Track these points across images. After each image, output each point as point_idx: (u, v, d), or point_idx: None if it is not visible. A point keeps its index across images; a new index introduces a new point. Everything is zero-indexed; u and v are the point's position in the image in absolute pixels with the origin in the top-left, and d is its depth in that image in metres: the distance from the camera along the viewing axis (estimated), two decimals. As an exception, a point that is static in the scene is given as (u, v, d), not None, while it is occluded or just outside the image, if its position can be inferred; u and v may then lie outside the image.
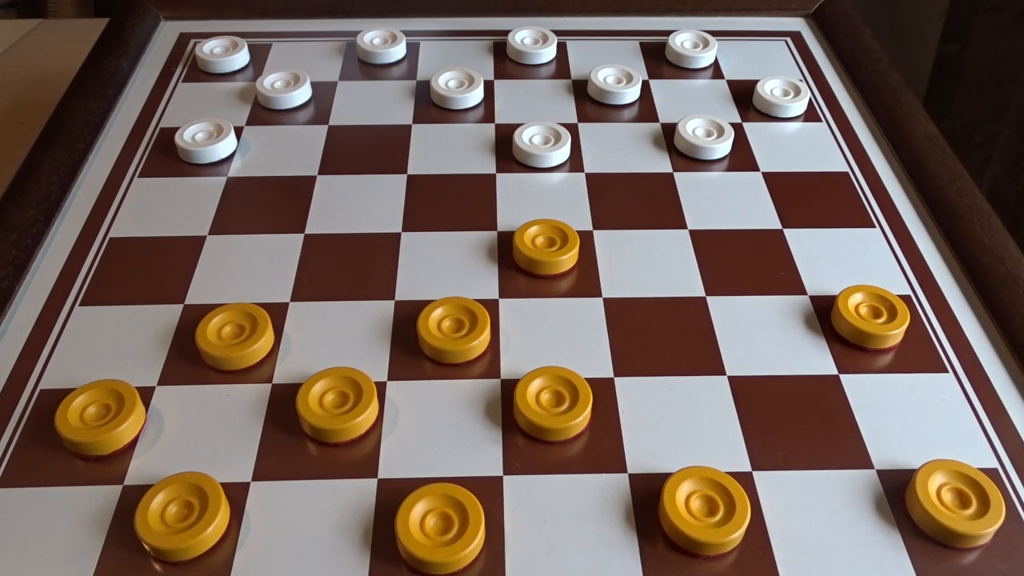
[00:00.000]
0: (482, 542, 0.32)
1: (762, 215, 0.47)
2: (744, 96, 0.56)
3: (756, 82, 0.56)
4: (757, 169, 0.50)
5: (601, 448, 0.35)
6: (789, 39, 0.63)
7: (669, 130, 0.53)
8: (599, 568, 0.31)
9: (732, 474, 0.34)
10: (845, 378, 0.38)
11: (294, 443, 0.35)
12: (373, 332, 0.40)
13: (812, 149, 0.52)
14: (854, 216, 0.47)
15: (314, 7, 0.63)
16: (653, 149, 0.52)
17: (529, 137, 0.51)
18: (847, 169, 0.51)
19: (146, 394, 0.37)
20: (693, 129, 0.52)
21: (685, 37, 0.60)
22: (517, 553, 0.32)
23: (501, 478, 0.34)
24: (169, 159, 0.50)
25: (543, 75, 0.58)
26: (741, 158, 0.51)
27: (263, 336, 0.38)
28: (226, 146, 0.50)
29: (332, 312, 0.41)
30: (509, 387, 0.37)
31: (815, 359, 0.39)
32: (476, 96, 0.55)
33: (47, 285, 0.42)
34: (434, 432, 0.36)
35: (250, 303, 0.40)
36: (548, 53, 0.59)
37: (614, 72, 0.56)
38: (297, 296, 0.42)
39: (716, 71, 0.59)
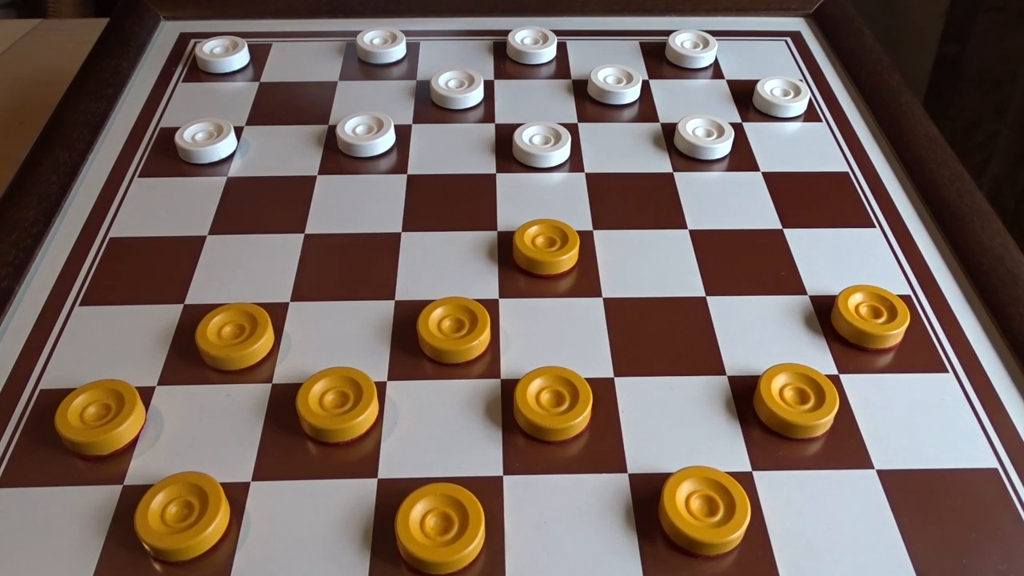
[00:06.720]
0: (482, 542, 0.32)
1: (762, 215, 0.47)
2: (744, 96, 0.56)
3: (756, 82, 0.56)
4: (757, 169, 0.50)
5: (601, 448, 0.35)
6: (789, 39, 0.63)
7: (669, 130, 0.53)
8: (599, 568, 0.31)
9: (732, 474, 0.34)
10: (845, 378, 0.38)
11: (294, 443, 0.35)
12: (373, 332, 0.40)
13: (812, 149, 0.52)
14: (854, 216, 0.47)
15: (314, 7, 0.63)
16: (653, 149, 0.52)
17: (529, 137, 0.51)
18: (847, 169, 0.51)
19: (146, 394, 0.37)
20: (693, 129, 0.52)
21: (685, 37, 0.60)
22: (517, 553, 0.32)
23: (501, 478, 0.34)
24: (169, 159, 0.50)
25: (543, 75, 0.58)
26: (741, 158, 0.51)
27: (263, 336, 0.38)
28: (226, 146, 0.50)
29: (332, 312, 0.41)
30: (509, 387, 0.37)
31: (815, 359, 0.39)
32: (476, 96, 0.55)
33: (47, 285, 0.42)
34: (434, 432, 0.36)
35: (250, 303, 0.40)
36: (548, 53, 0.59)
37: (614, 72, 0.56)
38: (297, 296, 0.42)
39: (716, 71, 0.59)
